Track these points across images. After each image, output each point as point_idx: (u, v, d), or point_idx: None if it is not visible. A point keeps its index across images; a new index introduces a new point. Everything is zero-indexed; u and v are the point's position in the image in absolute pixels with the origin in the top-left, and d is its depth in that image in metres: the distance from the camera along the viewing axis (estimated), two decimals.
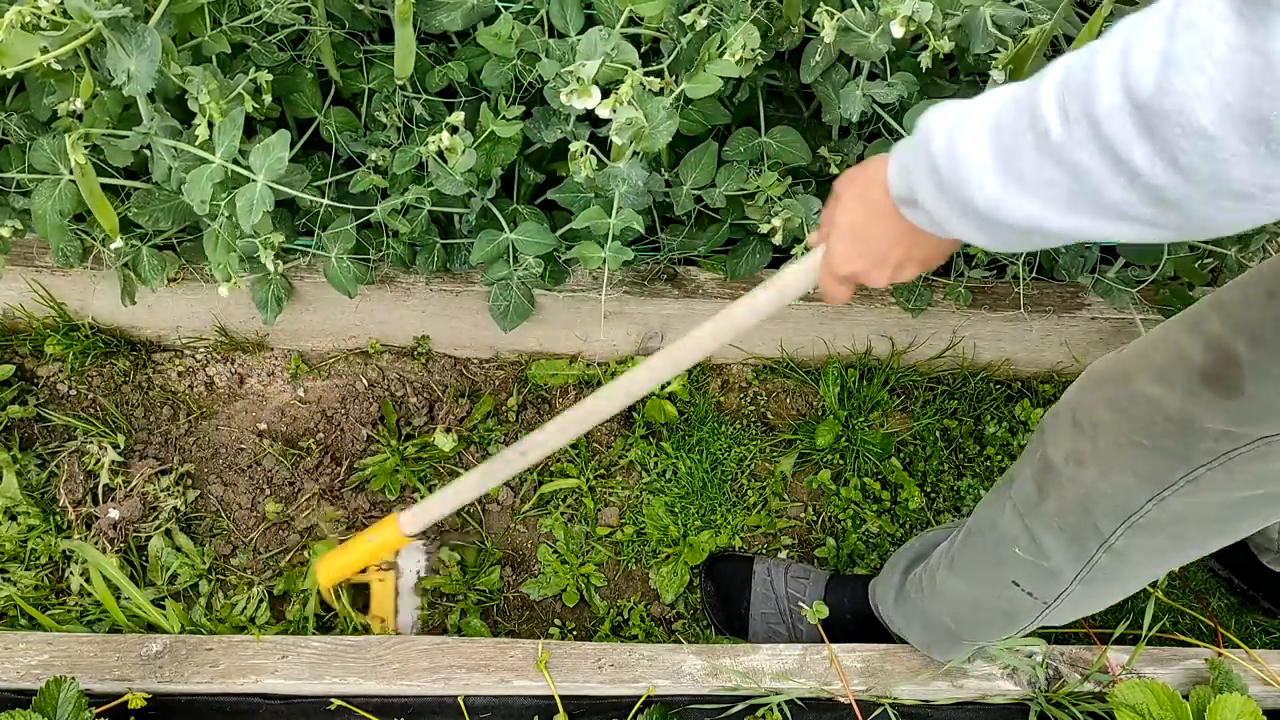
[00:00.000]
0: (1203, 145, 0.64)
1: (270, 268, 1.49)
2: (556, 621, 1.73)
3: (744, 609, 1.72)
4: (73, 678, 1.33)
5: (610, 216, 1.50)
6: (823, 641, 1.67)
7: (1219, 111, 0.63)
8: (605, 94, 1.35)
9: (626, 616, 1.74)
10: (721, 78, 1.39)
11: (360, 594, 1.65)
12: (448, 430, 1.82)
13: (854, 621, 1.65)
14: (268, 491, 1.78)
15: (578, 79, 1.33)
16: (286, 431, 1.84)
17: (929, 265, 1.02)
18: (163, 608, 1.59)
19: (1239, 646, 1.62)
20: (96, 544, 1.68)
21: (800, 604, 1.68)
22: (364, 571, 1.61)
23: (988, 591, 1.38)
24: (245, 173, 1.30)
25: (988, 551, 1.36)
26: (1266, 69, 0.60)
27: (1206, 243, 1.75)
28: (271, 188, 1.30)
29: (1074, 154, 0.71)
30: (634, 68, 1.36)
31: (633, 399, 1.34)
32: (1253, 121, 0.62)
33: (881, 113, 1.50)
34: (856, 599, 1.65)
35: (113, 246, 1.53)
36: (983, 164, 0.79)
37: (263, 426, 1.84)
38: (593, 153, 1.43)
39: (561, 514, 1.80)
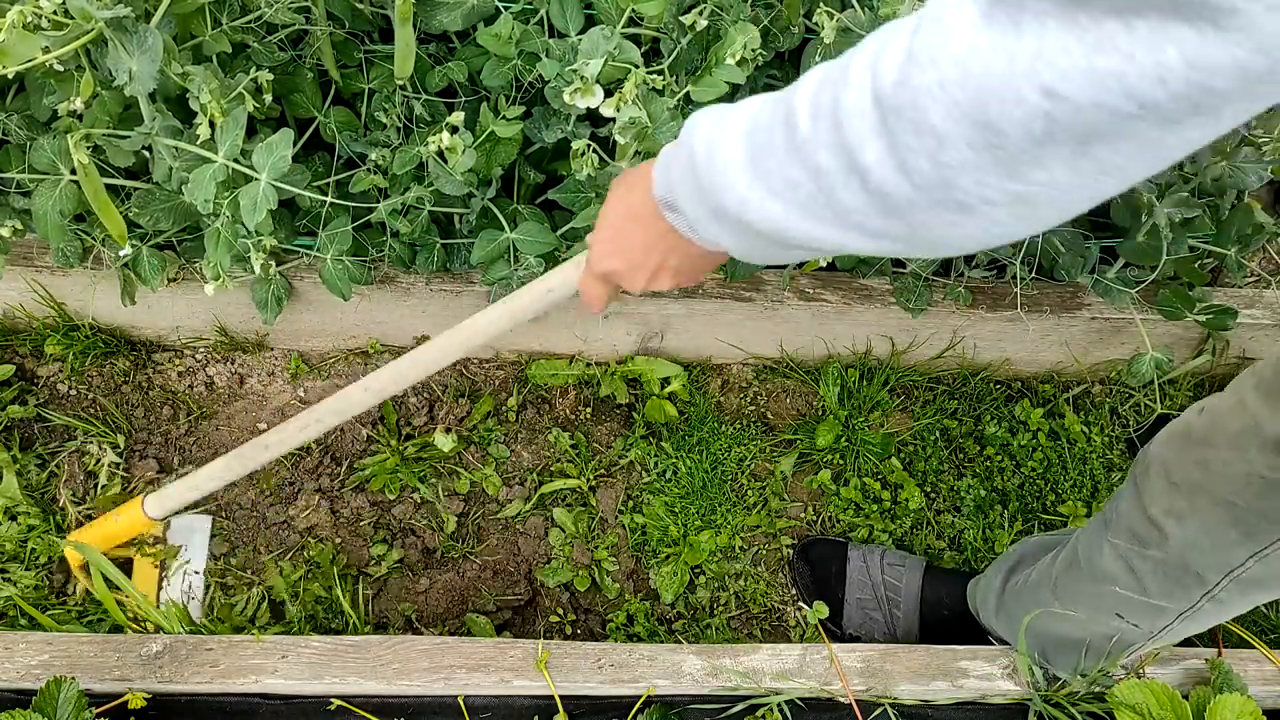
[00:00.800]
0: (930, 144, 0.62)
1: (259, 269, 1.50)
2: (559, 611, 1.73)
3: (840, 594, 1.73)
4: (73, 678, 1.33)
5: None
6: (918, 630, 1.69)
7: (948, 109, 0.60)
8: (608, 94, 1.35)
9: (631, 615, 1.74)
10: (726, 82, 1.39)
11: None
12: (447, 430, 1.83)
13: (951, 618, 1.66)
14: (268, 491, 1.78)
15: (581, 78, 1.33)
16: None
17: (685, 278, 0.98)
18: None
19: (1250, 645, 1.62)
20: None
21: (897, 591, 1.70)
22: (129, 547, 1.65)
23: (1093, 618, 1.38)
24: (248, 171, 1.30)
25: (1090, 585, 1.36)
26: (1005, 72, 0.57)
27: (1206, 242, 1.75)
28: (275, 186, 1.30)
29: (815, 153, 0.69)
30: (636, 66, 1.36)
31: (383, 396, 1.36)
32: (979, 124, 0.59)
33: None
34: (955, 596, 1.66)
35: (121, 253, 1.53)
36: (736, 162, 0.76)
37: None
38: (595, 151, 1.43)
39: (567, 505, 1.80)
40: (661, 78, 1.39)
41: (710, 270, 1.01)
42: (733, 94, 1.52)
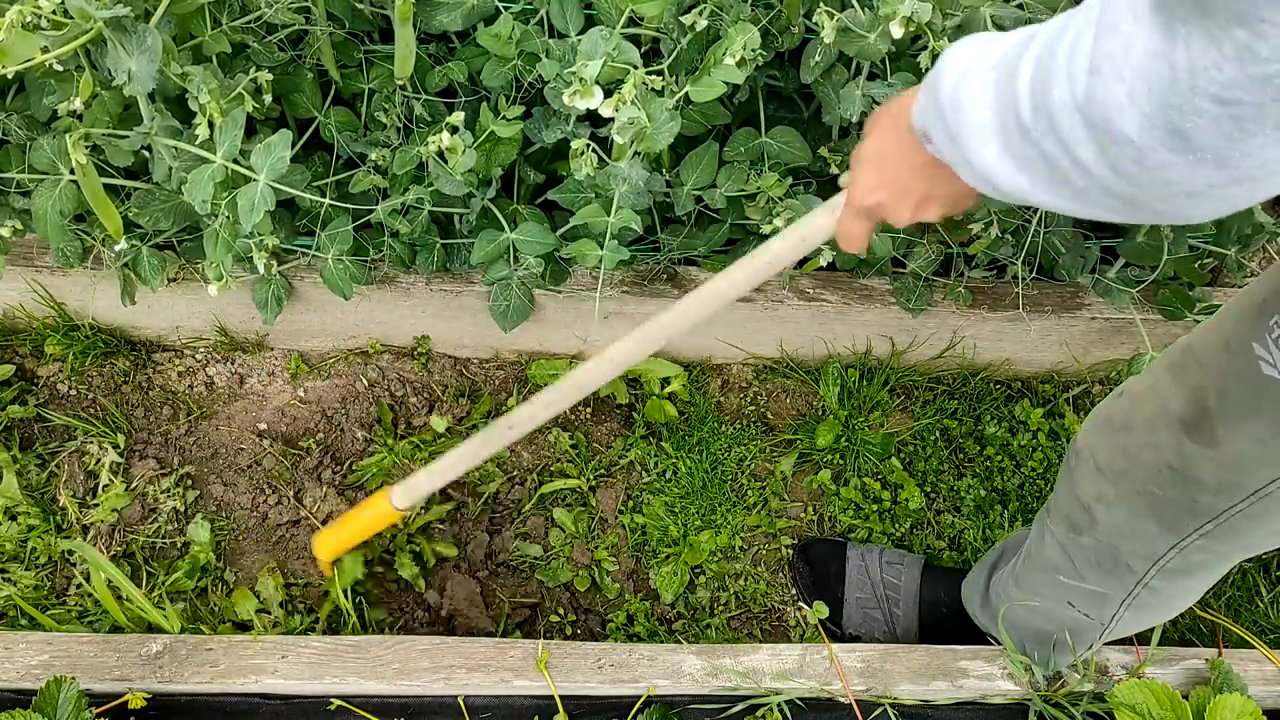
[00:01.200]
0: (1131, 153, 0.63)
1: (261, 269, 1.49)
2: (560, 611, 1.73)
3: (839, 594, 1.73)
4: (73, 678, 1.33)
5: (609, 215, 1.50)
6: (918, 628, 1.69)
7: (1138, 122, 0.61)
8: (607, 94, 1.35)
9: (631, 615, 1.74)
10: (724, 82, 1.39)
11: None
12: (441, 415, 1.83)
13: (951, 616, 1.66)
14: (267, 491, 1.78)
15: (580, 79, 1.33)
16: (286, 431, 1.84)
17: (954, 207, 0.96)
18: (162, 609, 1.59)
19: (1250, 645, 1.62)
20: (95, 544, 1.68)
21: (896, 590, 1.70)
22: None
23: (1052, 609, 1.41)
24: (247, 172, 1.30)
25: (1041, 574, 1.38)
26: (1176, 84, 0.58)
27: (1206, 242, 1.75)
28: (273, 187, 1.30)
29: (1041, 142, 0.70)
30: (635, 67, 1.36)
31: (622, 368, 1.27)
32: (1172, 133, 0.60)
33: None
34: (954, 595, 1.67)
35: (117, 248, 1.53)
36: (982, 127, 0.75)
37: (263, 426, 1.84)
38: (594, 151, 1.43)
39: (567, 505, 1.80)
40: (661, 78, 1.39)
41: (975, 202, 0.98)
42: (731, 94, 1.52)
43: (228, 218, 1.36)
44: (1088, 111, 0.64)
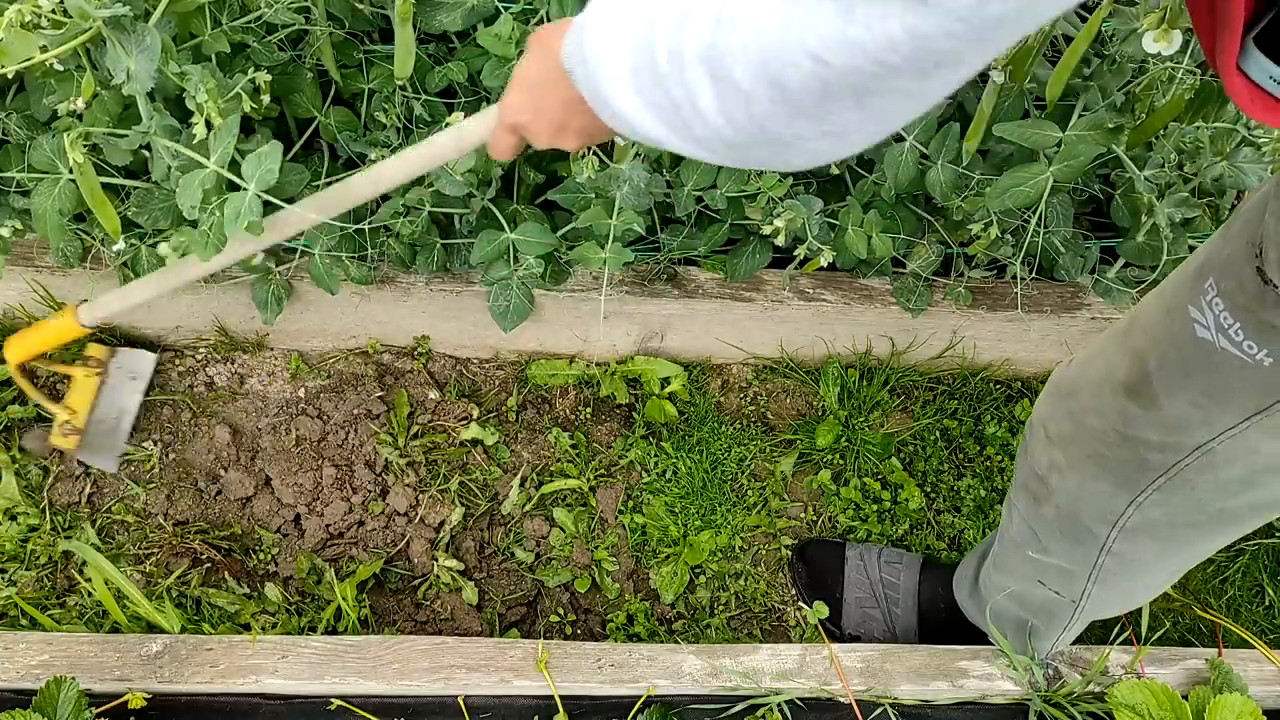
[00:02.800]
0: (740, 100, 0.67)
1: (258, 263, 1.50)
2: (560, 611, 1.73)
3: (838, 594, 1.73)
4: (73, 678, 1.33)
5: (611, 218, 1.50)
6: (917, 627, 1.69)
7: (747, 70, 0.65)
8: None
9: (631, 615, 1.74)
10: None
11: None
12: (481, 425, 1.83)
13: (950, 615, 1.66)
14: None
15: None
16: (287, 432, 1.84)
17: (590, 138, 1.02)
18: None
19: (1250, 646, 1.62)
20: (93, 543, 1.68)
21: (895, 589, 1.71)
22: (72, 365, 1.74)
23: (1026, 589, 1.42)
24: (237, 179, 1.30)
25: (1012, 551, 1.40)
26: (784, 37, 0.62)
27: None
28: (260, 198, 1.29)
29: (670, 87, 0.72)
30: None
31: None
32: (773, 83, 0.65)
33: None
34: (951, 594, 1.67)
35: (115, 248, 1.53)
36: (619, 69, 0.77)
37: (263, 426, 1.83)
38: (595, 153, 1.43)
39: (567, 505, 1.80)
40: None
41: (609, 136, 1.06)
42: None
43: (217, 220, 1.36)
44: (709, 59, 0.68)
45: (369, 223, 1.59)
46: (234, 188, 1.28)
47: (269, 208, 1.29)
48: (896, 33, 0.58)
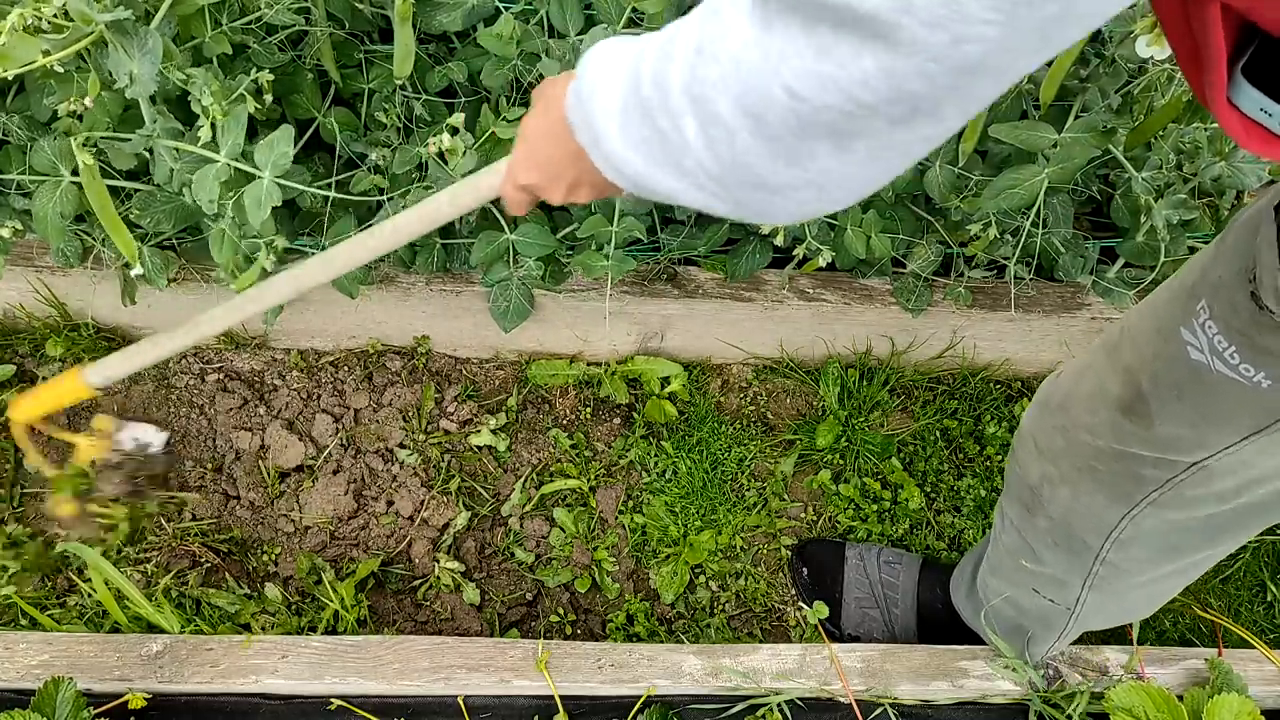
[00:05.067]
0: (723, 133, 0.66)
1: (268, 269, 1.49)
2: (560, 611, 1.73)
3: (838, 594, 1.74)
4: (71, 678, 1.33)
5: (612, 224, 1.50)
6: (916, 627, 1.69)
7: (729, 103, 0.64)
8: None
9: (631, 615, 1.75)
10: None
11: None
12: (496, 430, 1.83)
13: (949, 615, 1.66)
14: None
15: None
16: (287, 431, 1.84)
17: (603, 192, 0.98)
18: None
19: (1250, 645, 1.63)
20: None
21: (894, 589, 1.71)
22: (77, 434, 1.64)
23: (1020, 597, 1.42)
24: (251, 170, 1.30)
25: (1007, 559, 1.40)
26: (761, 70, 0.62)
27: (1205, 243, 1.75)
28: (279, 184, 1.30)
29: (656, 119, 0.71)
30: None
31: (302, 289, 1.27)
32: (752, 116, 0.64)
33: None
34: (949, 591, 1.67)
35: (134, 273, 1.52)
36: (609, 109, 0.76)
37: (263, 426, 1.83)
38: None
39: (567, 505, 1.80)
40: None
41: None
42: None
43: (233, 218, 1.36)
44: (691, 89, 0.67)
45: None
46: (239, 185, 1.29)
47: (289, 212, 1.29)
48: (870, 69, 0.57)
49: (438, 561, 1.73)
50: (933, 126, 0.62)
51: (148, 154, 1.42)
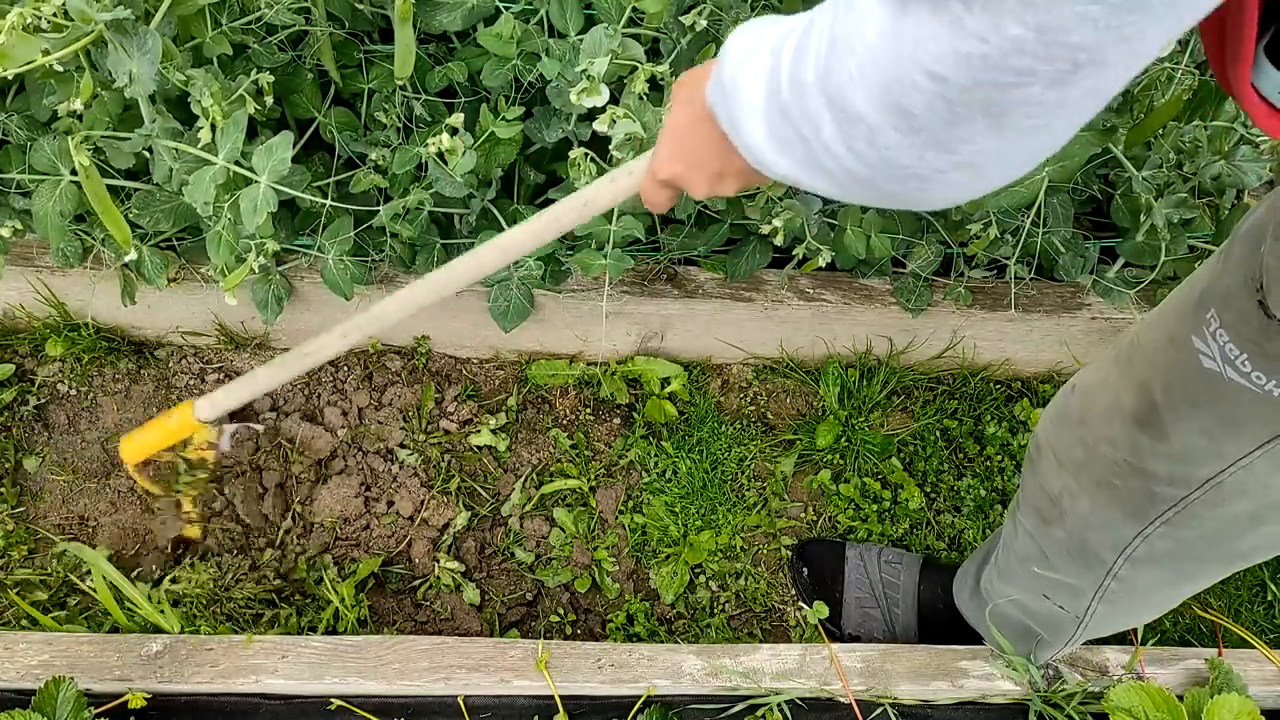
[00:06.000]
0: (864, 131, 0.64)
1: (256, 270, 1.50)
2: (560, 611, 1.73)
3: (838, 594, 1.74)
4: (71, 678, 1.33)
5: (610, 223, 1.50)
6: (917, 627, 1.69)
7: (867, 97, 0.62)
8: (612, 98, 1.35)
9: (631, 615, 1.74)
10: None
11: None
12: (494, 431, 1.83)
13: (950, 615, 1.66)
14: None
15: (589, 77, 1.33)
16: (286, 430, 1.84)
17: (749, 182, 0.96)
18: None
19: (1250, 645, 1.62)
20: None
21: (895, 589, 1.71)
22: (177, 451, 1.67)
23: (1030, 601, 1.41)
24: (248, 174, 1.30)
25: (1017, 564, 1.39)
26: (898, 58, 0.59)
27: (1206, 242, 1.75)
28: (275, 189, 1.30)
29: (796, 121, 0.70)
30: (641, 64, 1.36)
31: (457, 287, 1.28)
32: (894, 109, 0.61)
33: None
34: (951, 594, 1.67)
35: (127, 258, 1.53)
36: (753, 107, 0.75)
37: (264, 426, 1.83)
38: (591, 160, 1.43)
39: (567, 505, 1.80)
40: (668, 66, 1.39)
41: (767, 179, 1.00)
42: None
43: (230, 220, 1.36)
44: (826, 88, 0.65)
45: (369, 224, 1.59)
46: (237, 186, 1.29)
47: (288, 212, 1.29)
48: (1018, 33, 0.53)
49: (438, 561, 1.73)
50: (1097, 77, 0.56)
51: (147, 153, 1.42)
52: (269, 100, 1.41)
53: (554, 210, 1.14)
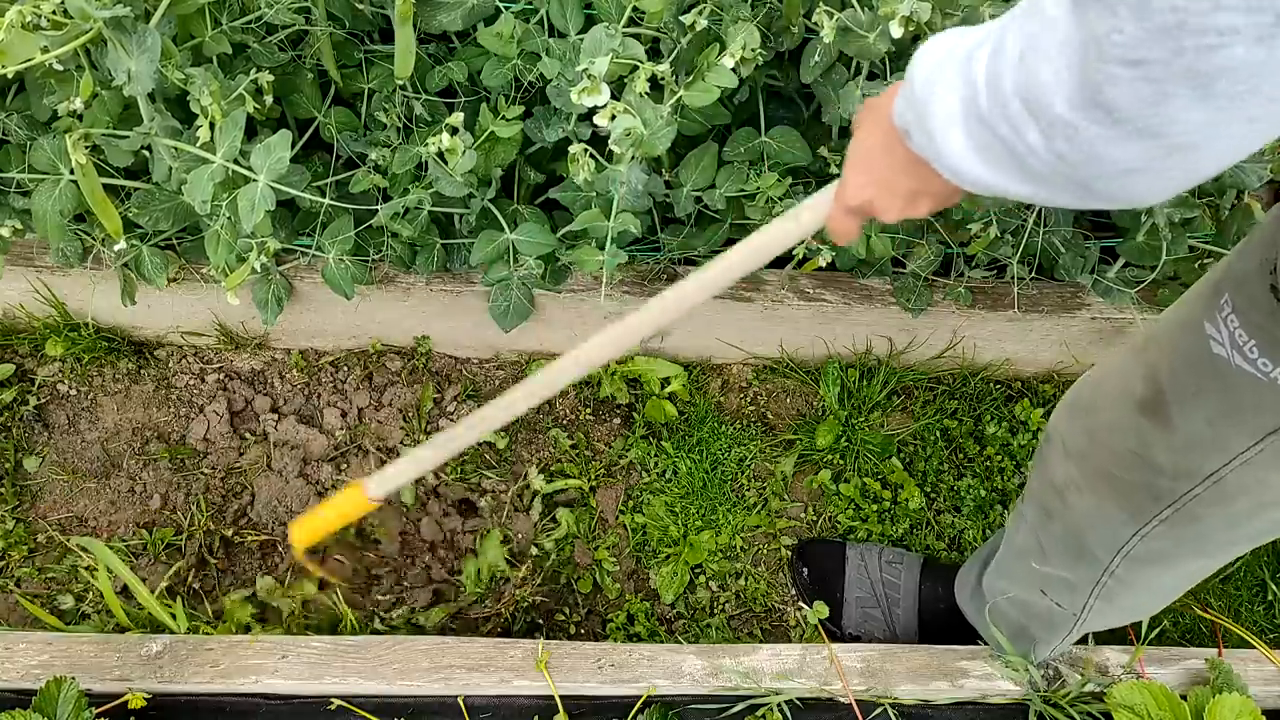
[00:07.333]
0: (1067, 131, 0.64)
1: (257, 269, 1.50)
2: (564, 611, 1.73)
3: (839, 594, 1.73)
4: (72, 678, 1.33)
5: (609, 219, 1.50)
6: (918, 627, 1.69)
7: (1067, 99, 0.62)
8: (614, 96, 1.35)
9: (631, 615, 1.74)
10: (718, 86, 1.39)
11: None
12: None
13: (950, 614, 1.66)
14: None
15: (589, 76, 1.33)
16: (287, 430, 1.84)
17: (943, 201, 0.95)
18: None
19: (1250, 645, 1.62)
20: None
21: (896, 589, 1.71)
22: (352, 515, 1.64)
23: (1027, 598, 1.42)
24: (246, 173, 1.30)
25: (1015, 560, 1.40)
26: (1085, 53, 0.59)
27: (1206, 242, 1.75)
28: (273, 188, 1.30)
29: (997, 128, 0.70)
30: (641, 63, 1.36)
31: (605, 359, 1.27)
32: (1097, 105, 0.61)
33: None
34: (952, 594, 1.67)
35: (116, 248, 1.53)
36: (949, 119, 0.75)
37: (263, 425, 1.83)
38: (591, 156, 1.43)
39: (568, 505, 1.80)
40: (669, 66, 1.38)
41: (963, 196, 0.96)
42: (731, 95, 1.52)
43: (228, 219, 1.36)
44: (1025, 95, 0.65)
45: (369, 224, 1.59)
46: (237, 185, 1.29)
47: (285, 210, 1.29)
48: None
49: None
50: None
51: (147, 152, 1.42)
52: (268, 100, 1.41)
53: (727, 258, 1.10)
